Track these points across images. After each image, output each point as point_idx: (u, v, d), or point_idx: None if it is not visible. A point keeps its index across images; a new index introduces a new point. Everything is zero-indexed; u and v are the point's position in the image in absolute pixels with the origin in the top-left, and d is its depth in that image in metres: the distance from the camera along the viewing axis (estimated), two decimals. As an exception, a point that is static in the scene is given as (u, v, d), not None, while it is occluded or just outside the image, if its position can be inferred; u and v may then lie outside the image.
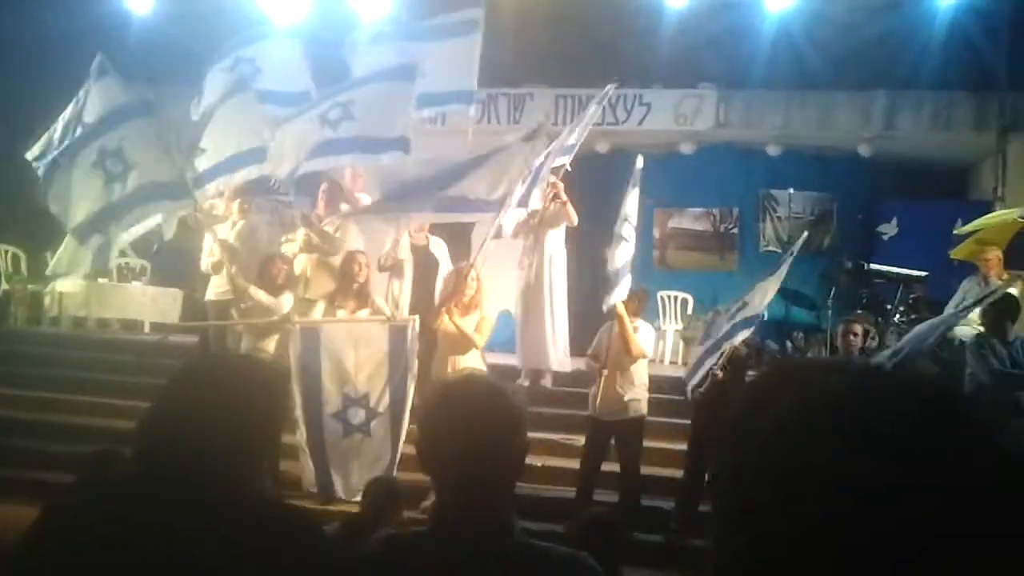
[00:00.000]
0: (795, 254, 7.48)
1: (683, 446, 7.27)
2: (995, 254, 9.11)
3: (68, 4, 11.54)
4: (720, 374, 6.90)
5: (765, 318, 7.56)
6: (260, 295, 7.41)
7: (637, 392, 7.09)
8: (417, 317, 7.18)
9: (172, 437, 1.73)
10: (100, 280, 11.69)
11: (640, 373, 7.16)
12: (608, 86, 8.52)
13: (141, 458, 1.79)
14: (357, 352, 6.88)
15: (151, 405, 1.80)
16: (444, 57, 8.33)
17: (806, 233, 8.17)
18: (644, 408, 7.14)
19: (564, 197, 8.38)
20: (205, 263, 8.70)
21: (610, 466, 7.21)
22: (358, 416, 6.79)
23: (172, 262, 10.86)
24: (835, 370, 0.76)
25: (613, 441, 7.09)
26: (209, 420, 1.70)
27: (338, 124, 7.32)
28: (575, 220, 8.61)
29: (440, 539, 1.76)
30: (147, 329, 11.68)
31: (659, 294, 12.04)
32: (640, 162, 8.11)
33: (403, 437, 6.74)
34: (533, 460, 7.06)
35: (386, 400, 6.80)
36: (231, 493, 1.70)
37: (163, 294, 11.76)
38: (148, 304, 11.71)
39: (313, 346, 6.85)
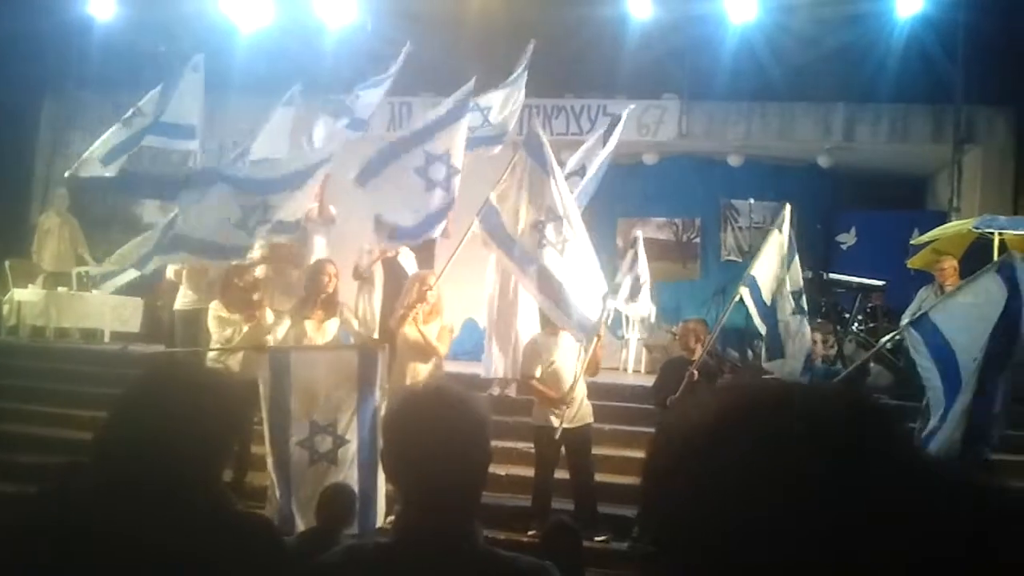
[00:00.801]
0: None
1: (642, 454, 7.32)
2: (951, 264, 9.26)
3: (29, 10, 11.41)
4: (696, 374, 7.00)
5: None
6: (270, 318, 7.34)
7: (586, 399, 7.22)
8: (388, 345, 7.09)
9: (127, 448, 1.72)
10: (60, 289, 11.56)
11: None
12: (625, 111, 8.83)
13: (98, 469, 1.79)
14: (326, 378, 6.76)
15: (106, 416, 1.79)
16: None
17: (788, 207, 8.15)
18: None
19: None
20: (170, 271, 8.64)
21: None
22: (325, 444, 6.67)
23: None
24: (759, 392, 0.79)
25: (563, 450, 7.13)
26: (163, 430, 1.69)
27: (448, 184, 7.24)
28: None
29: (404, 550, 1.76)
30: (107, 338, 11.55)
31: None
32: (640, 233, 8.37)
33: (378, 464, 6.55)
34: (496, 469, 7.10)
35: (354, 428, 6.69)
36: (189, 503, 1.69)
37: (123, 303, 11.64)
38: (108, 313, 11.59)
39: (282, 369, 6.71)
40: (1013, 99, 11.53)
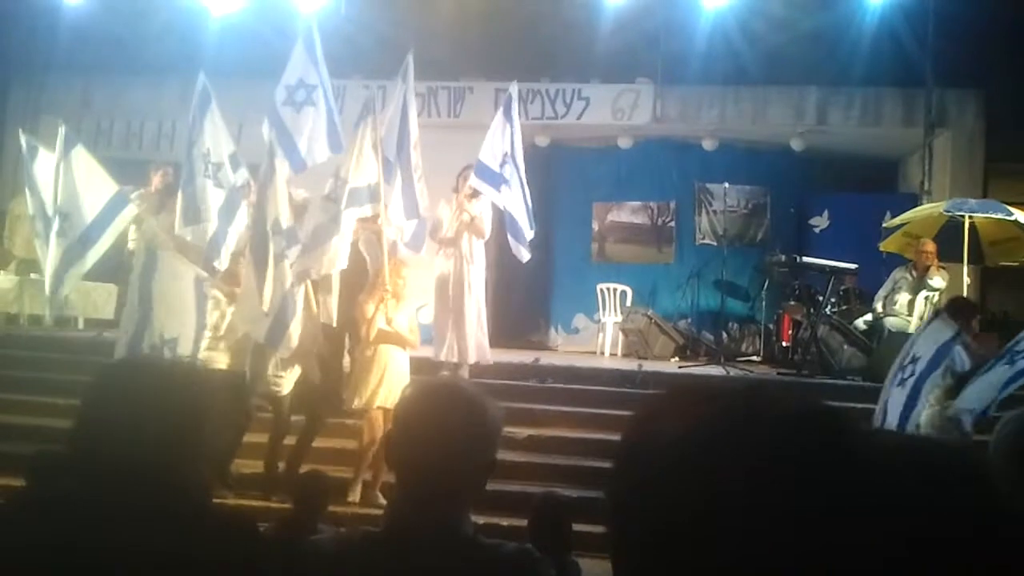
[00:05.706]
0: None
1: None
2: (932, 246, 9.41)
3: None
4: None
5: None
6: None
7: None
8: (348, 332, 7.06)
9: (95, 445, 1.71)
10: (32, 275, 11.42)
11: None
12: (512, 88, 8.82)
13: (76, 470, 1.77)
14: None
15: (77, 414, 1.76)
16: None
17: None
18: None
19: (472, 214, 8.48)
20: (132, 245, 8.53)
21: (554, 458, 7.32)
22: None
23: (106, 256, 10.64)
24: (714, 395, 0.78)
25: None
26: (138, 428, 1.68)
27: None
28: (486, 234, 8.66)
29: (391, 539, 1.78)
30: (81, 325, 11.44)
31: (598, 287, 12.19)
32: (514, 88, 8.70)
33: None
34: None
35: None
36: (161, 498, 1.68)
37: (97, 289, 11.53)
38: (81, 300, 11.47)
39: None
40: (982, 82, 11.65)
